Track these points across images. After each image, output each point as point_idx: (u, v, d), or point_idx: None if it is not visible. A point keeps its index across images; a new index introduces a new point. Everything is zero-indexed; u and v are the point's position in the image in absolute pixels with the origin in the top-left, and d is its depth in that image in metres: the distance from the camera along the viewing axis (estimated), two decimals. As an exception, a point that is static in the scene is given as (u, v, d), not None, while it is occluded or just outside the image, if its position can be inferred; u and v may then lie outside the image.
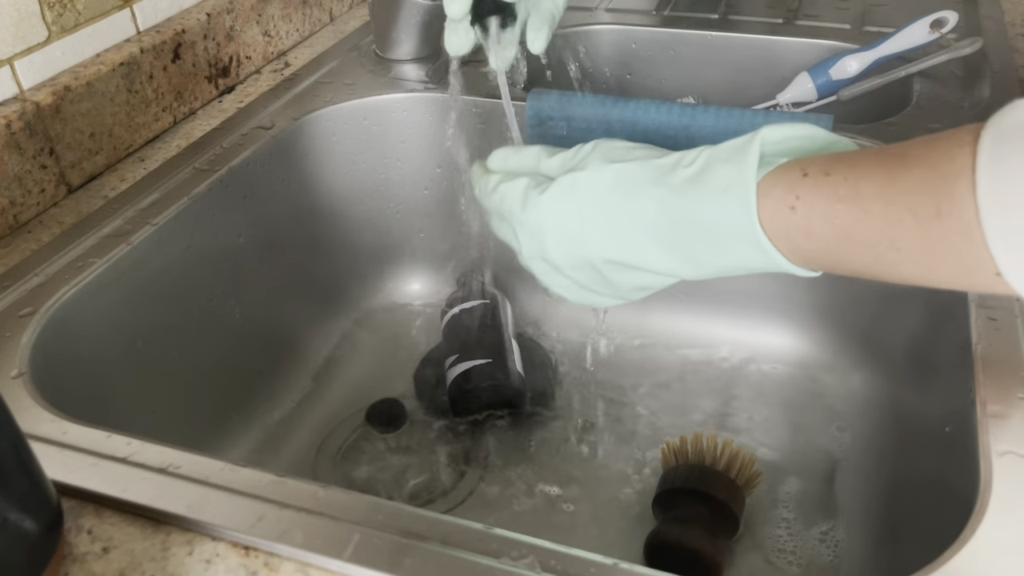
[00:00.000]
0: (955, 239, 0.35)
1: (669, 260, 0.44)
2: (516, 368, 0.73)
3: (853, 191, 0.37)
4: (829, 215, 0.38)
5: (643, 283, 0.46)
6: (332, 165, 0.79)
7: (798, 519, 0.65)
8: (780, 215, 0.39)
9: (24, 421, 0.40)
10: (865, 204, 0.37)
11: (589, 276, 0.47)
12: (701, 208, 0.41)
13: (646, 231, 0.43)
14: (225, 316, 0.69)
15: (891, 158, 0.37)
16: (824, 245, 0.39)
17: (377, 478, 0.68)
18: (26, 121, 0.61)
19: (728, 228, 0.40)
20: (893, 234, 0.36)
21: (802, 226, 0.39)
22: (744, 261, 0.42)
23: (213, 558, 0.39)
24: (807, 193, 0.38)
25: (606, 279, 0.46)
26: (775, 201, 0.39)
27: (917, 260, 0.37)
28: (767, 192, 0.39)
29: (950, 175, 0.34)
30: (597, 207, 0.45)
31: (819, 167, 0.39)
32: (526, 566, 0.37)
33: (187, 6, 0.77)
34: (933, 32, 0.79)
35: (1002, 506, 0.40)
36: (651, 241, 0.43)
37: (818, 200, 0.38)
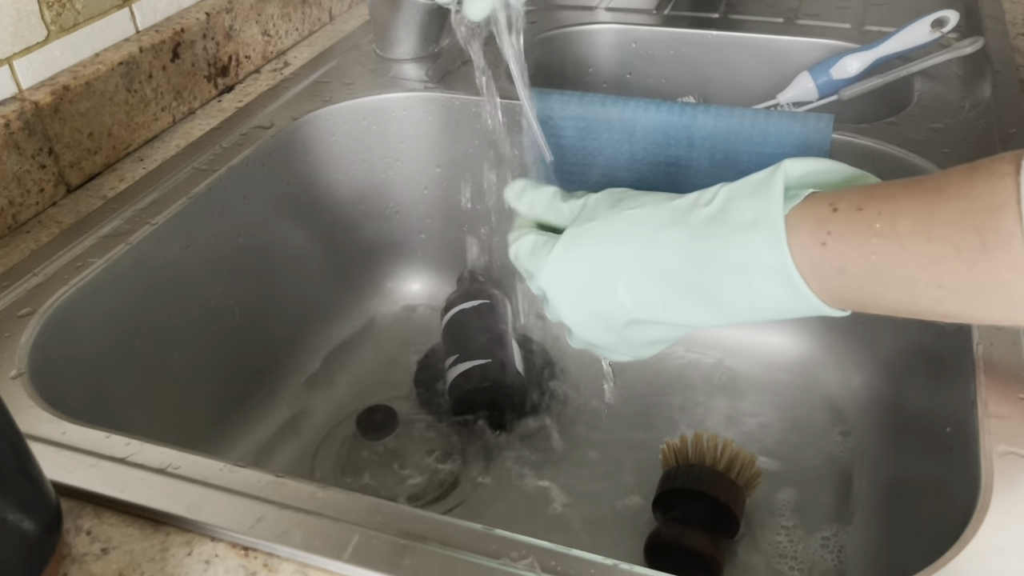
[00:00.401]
0: (1004, 274, 0.33)
1: (690, 307, 0.41)
2: (516, 368, 0.73)
3: (889, 226, 0.35)
4: (864, 251, 0.36)
5: (658, 336, 0.45)
6: (332, 165, 0.79)
7: (799, 521, 0.65)
8: (811, 251, 0.37)
9: (23, 421, 0.40)
10: (903, 239, 0.35)
11: (601, 335, 0.45)
12: (727, 247, 0.39)
13: (665, 278, 0.41)
14: (224, 316, 0.69)
15: (928, 191, 0.35)
16: (858, 283, 0.37)
17: (376, 478, 0.68)
18: (25, 121, 0.61)
19: (758, 266, 0.38)
20: (935, 270, 0.35)
21: (835, 263, 0.37)
22: (774, 302, 0.39)
23: (212, 559, 0.39)
24: (839, 229, 0.37)
25: (620, 337, 0.45)
26: (805, 237, 0.37)
27: (962, 297, 0.35)
28: (795, 227, 0.38)
29: (995, 207, 0.33)
30: (608, 259, 0.43)
31: (849, 201, 0.37)
32: (526, 567, 0.37)
33: (186, 5, 0.77)
34: (934, 31, 0.79)
35: (1003, 506, 0.40)
36: (670, 289, 0.41)
37: (851, 236, 0.36)
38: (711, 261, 0.40)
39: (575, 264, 0.44)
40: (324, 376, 0.78)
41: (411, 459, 0.70)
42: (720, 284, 0.40)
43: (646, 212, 0.42)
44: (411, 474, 0.69)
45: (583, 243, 0.44)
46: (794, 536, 0.64)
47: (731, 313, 0.41)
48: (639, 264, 0.42)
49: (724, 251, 0.39)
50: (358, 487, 0.68)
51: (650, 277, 0.41)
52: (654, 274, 0.41)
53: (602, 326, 0.45)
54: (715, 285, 0.40)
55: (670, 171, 0.70)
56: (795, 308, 0.39)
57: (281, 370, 0.76)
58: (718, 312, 0.41)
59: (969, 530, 0.39)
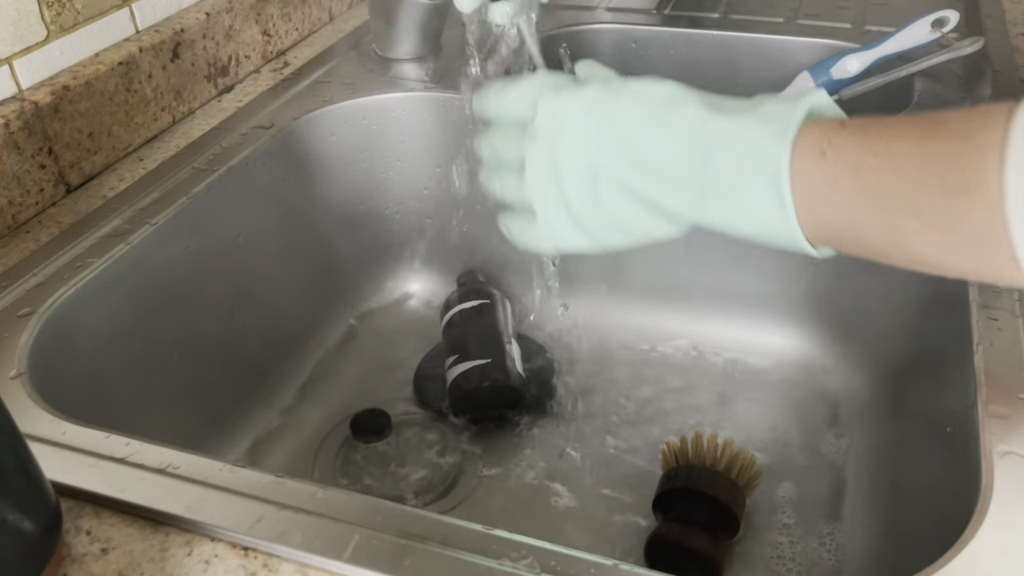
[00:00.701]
0: (978, 216, 0.34)
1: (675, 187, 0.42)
2: (516, 368, 0.73)
3: (886, 147, 0.36)
4: (859, 168, 0.37)
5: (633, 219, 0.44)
6: (332, 165, 0.79)
7: (799, 522, 0.65)
8: (809, 160, 0.38)
9: (23, 421, 0.40)
10: (896, 162, 0.36)
11: (584, 195, 0.44)
12: (738, 132, 0.40)
13: (674, 152, 0.41)
14: (224, 316, 0.69)
15: (928, 123, 0.36)
16: (843, 201, 0.37)
17: (376, 478, 0.68)
18: (25, 121, 0.61)
19: (756, 160, 0.39)
20: (917, 200, 0.35)
21: (829, 175, 0.37)
22: (754, 207, 0.40)
23: (212, 559, 0.39)
24: (841, 142, 0.37)
25: (599, 201, 0.44)
26: (807, 144, 0.38)
27: (937, 233, 0.35)
28: (804, 133, 0.38)
29: (982, 149, 0.33)
30: (635, 114, 0.43)
31: (857, 121, 0.38)
32: (526, 567, 0.37)
33: (186, 5, 0.77)
34: (934, 31, 0.79)
35: (1003, 507, 0.40)
36: (672, 165, 0.41)
37: (850, 150, 0.37)
38: (719, 142, 0.40)
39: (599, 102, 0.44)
40: (324, 376, 0.78)
41: (411, 459, 0.70)
42: (716, 169, 0.40)
43: (686, 89, 0.43)
44: (411, 474, 0.69)
45: (616, 92, 0.44)
46: (794, 536, 0.63)
47: (710, 209, 0.41)
48: (654, 128, 0.42)
49: (734, 136, 0.40)
50: (358, 487, 0.68)
51: (662, 145, 0.42)
52: (668, 143, 0.42)
53: (586, 180, 0.44)
54: (711, 169, 0.41)
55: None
56: (771, 223, 0.40)
57: (281, 370, 0.76)
58: (700, 202, 0.41)
59: (969, 530, 0.39)
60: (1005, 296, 0.53)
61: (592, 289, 0.83)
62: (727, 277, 0.78)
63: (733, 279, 0.78)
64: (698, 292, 0.80)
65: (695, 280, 0.80)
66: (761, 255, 0.77)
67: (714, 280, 0.79)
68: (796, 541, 0.63)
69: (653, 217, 0.44)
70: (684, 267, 0.79)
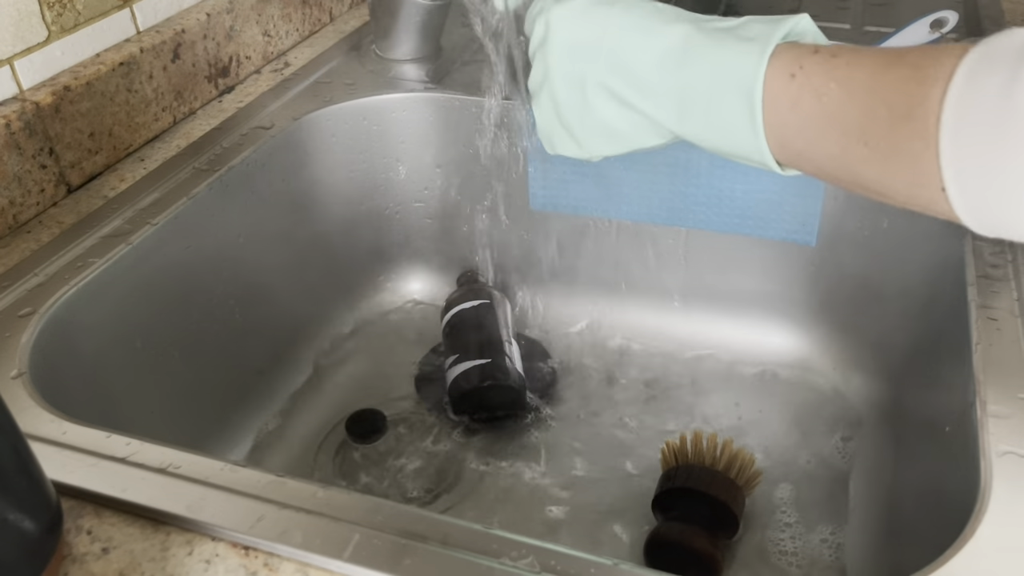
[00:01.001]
0: (915, 143, 0.35)
1: (660, 100, 0.44)
2: (516, 368, 0.73)
3: (847, 74, 0.38)
4: (820, 92, 0.38)
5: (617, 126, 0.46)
6: (332, 165, 0.79)
7: (799, 521, 0.65)
8: (779, 80, 0.40)
9: (24, 421, 0.40)
10: (853, 89, 0.38)
11: (572, 99, 0.47)
12: (719, 48, 0.41)
13: (656, 61, 0.43)
14: (225, 316, 0.69)
15: (890, 54, 0.37)
16: (803, 122, 0.39)
17: (376, 478, 0.68)
18: (26, 121, 0.61)
19: (733, 75, 0.41)
20: (867, 126, 0.37)
21: (794, 96, 0.39)
22: (728, 120, 0.42)
23: (213, 558, 0.39)
24: (811, 66, 0.39)
25: (586, 106, 0.46)
26: (780, 66, 0.40)
27: (880, 159, 0.37)
28: (779, 55, 0.40)
29: (929, 79, 0.35)
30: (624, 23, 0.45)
31: (830, 49, 0.40)
32: (526, 566, 0.37)
33: (187, 6, 0.77)
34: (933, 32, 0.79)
35: (1002, 506, 0.40)
36: (655, 74, 0.43)
37: (816, 75, 0.39)
38: (700, 56, 0.42)
39: (592, 13, 0.46)
40: (324, 376, 0.78)
41: (411, 458, 0.70)
42: (696, 82, 0.42)
43: (674, 9, 0.45)
44: (411, 473, 0.69)
45: (610, 3, 0.46)
46: (794, 534, 0.64)
47: (688, 122, 0.43)
48: (647, 38, 0.44)
49: (714, 51, 0.42)
50: (358, 486, 0.68)
51: (649, 53, 0.44)
52: (654, 51, 0.44)
53: (577, 78, 0.46)
54: (691, 82, 0.42)
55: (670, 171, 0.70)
56: (742, 139, 0.41)
57: (281, 369, 0.76)
58: (679, 114, 0.43)
59: (969, 530, 0.39)
60: (1004, 296, 0.53)
61: (591, 289, 0.83)
62: (727, 277, 0.78)
63: (733, 279, 0.78)
64: (698, 292, 0.80)
65: (695, 280, 0.80)
66: (761, 256, 0.77)
67: (714, 280, 0.79)
68: (796, 538, 0.63)
69: (637, 124, 0.46)
70: (684, 267, 0.79)
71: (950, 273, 0.59)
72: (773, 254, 0.76)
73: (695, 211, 0.71)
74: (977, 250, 0.57)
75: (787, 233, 0.70)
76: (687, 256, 0.79)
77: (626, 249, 0.80)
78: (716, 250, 0.77)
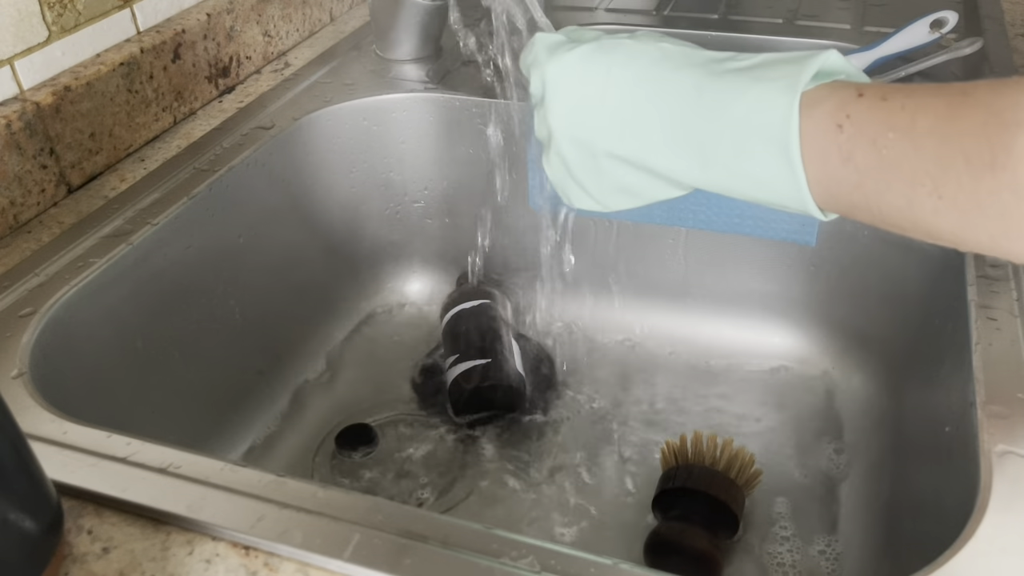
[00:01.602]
0: (1005, 196, 0.32)
1: (676, 152, 0.39)
2: (516, 368, 0.73)
3: (909, 121, 0.34)
4: (878, 143, 0.34)
5: (632, 184, 0.42)
6: (332, 165, 0.79)
7: (798, 520, 0.65)
8: (824, 132, 0.36)
9: (24, 421, 0.40)
10: (918, 138, 0.34)
11: (581, 161, 0.43)
12: (740, 95, 0.37)
13: (669, 116, 0.39)
14: (225, 316, 0.69)
15: (954, 94, 0.34)
16: (859, 177, 0.35)
17: (376, 478, 0.68)
18: (26, 121, 0.61)
19: (761, 124, 0.37)
20: (940, 177, 0.33)
21: (844, 148, 0.35)
22: (763, 172, 0.37)
23: (213, 558, 0.39)
24: (859, 114, 0.35)
25: (597, 169, 0.42)
26: (823, 115, 0.36)
27: (958, 212, 0.34)
28: (816, 103, 0.36)
29: (1012, 124, 0.32)
30: (629, 72, 0.40)
31: (876, 91, 0.36)
32: (526, 566, 0.37)
33: (187, 6, 0.77)
34: (933, 32, 0.79)
35: (1003, 506, 0.40)
36: (667, 130, 0.39)
37: (870, 124, 0.35)
38: (719, 105, 0.38)
39: (591, 68, 0.42)
40: (324, 376, 0.78)
41: (410, 458, 0.70)
42: (718, 134, 0.38)
43: (681, 50, 0.41)
44: (411, 473, 0.69)
45: (609, 51, 0.42)
46: (794, 533, 0.64)
47: (713, 174, 0.39)
48: (649, 89, 0.40)
49: (735, 99, 0.37)
50: (358, 486, 0.68)
51: (656, 108, 0.40)
52: (661, 107, 0.39)
53: (584, 143, 0.42)
54: (712, 134, 0.38)
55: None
56: (780, 189, 0.38)
57: (281, 370, 0.76)
58: (702, 167, 0.39)
59: (969, 530, 0.39)
60: (1004, 296, 0.53)
61: (591, 289, 0.83)
62: (727, 277, 0.79)
63: (733, 279, 0.78)
64: (698, 292, 0.80)
65: (694, 280, 0.80)
66: (761, 256, 0.77)
67: (714, 280, 0.79)
68: (796, 535, 0.63)
69: (654, 182, 0.42)
70: (683, 267, 0.79)
71: (950, 273, 0.60)
72: (773, 254, 0.76)
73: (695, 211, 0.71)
74: (977, 250, 0.57)
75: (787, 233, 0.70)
76: (687, 256, 0.79)
77: (626, 249, 0.80)
78: (716, 250, 0.78)
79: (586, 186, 0.44)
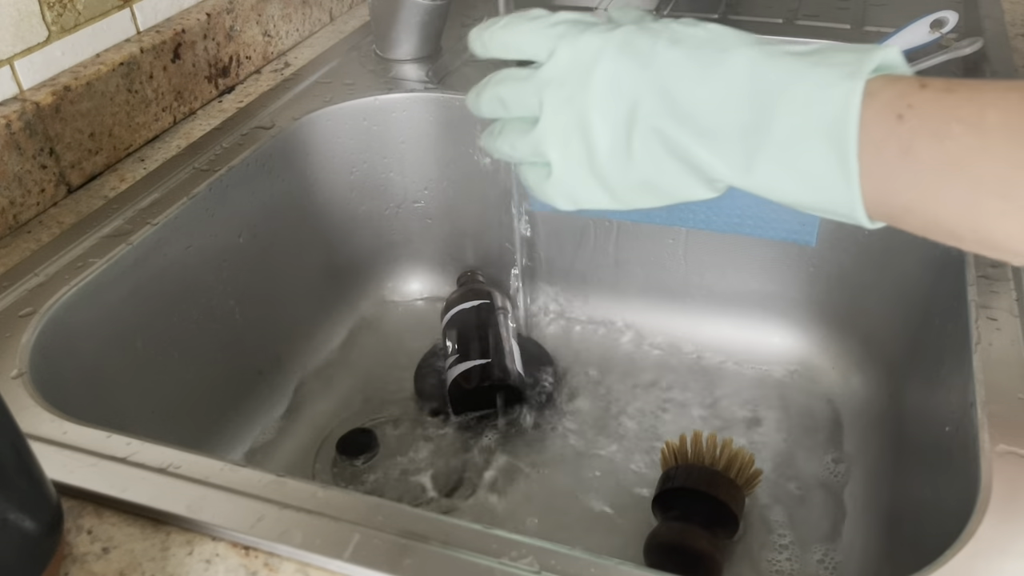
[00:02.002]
0: None
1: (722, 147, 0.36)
2: (516, 368, 0.73)
3: (976, 114, 0.32)
4: (941, 135, 0.32)
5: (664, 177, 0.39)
6: (332, 165, 0.79)
7: (798, 520, 0.65)
8: (883, 121, 0.33)
9: (24, 421, 0.40)
10: (987, 133, 0.31)
11: (614, 148, 0.39)
12: (798, 78, 0.34)
13: (718, 99, 0.36)
14: (225, 316, 0.69)
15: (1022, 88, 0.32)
16: (917, 174, 0.33)
17: (376, 478, 0.68)
18: (26, 121, 0.61)
19: (818, 111, 0.34)
20: (1009, 177, 0.31)
21: (904, 140, 0.33)
22: (811, 166, 0.35)
23: (213, 558, 0.39)
24: (923, 105, 0.33)
25: (629, 154, 0.39)
26: (882, 104, 0.33)
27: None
28: (876, 92, 0.33)
29: None
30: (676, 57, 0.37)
31: (941, 83, 0.33)
32: (526, 566, 0.37)
33: (187, 6, 0.77)
34: (933, 32, 0.79)
35: (1003, 506, 0.40)
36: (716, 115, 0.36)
37: (934, 116, 0.32)
38: (774, 88, 0.35)
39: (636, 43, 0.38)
40: (324, 376, 0.78)
41: (411, 458, 0.70)
42: (769, 120, 0.35)
43: (733, 31, 0.38)
44: (411, 473, 0.69)
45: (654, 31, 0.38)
46: (793, 532, 0.64)
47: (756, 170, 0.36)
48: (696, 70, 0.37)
49: (792, 82, 0.35)
50: (358, 486, 0.68)
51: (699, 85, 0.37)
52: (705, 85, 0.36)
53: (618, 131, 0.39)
54: (763, 120, 0.35)
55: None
56: (828, 187, 0.35)
57: (281, 370, 0.76)
58: (745, 159, 0.36)
59: (968, 529, 0.39)
60: (1004, 296, 0.53)
61: (591, 289, 0.83)
62: (726, 278, 0.79)
63: (732, 280, 0.78)
64: (697, 292, 0.80)
65: (694, 280, 0.80)
66: (761, 256, 0.77)
67: (713, 280, 0.79)
68: (795, 533, 0.63)
69: (688, 176, 0.39)
70: (683, 267, 0.79)
71: (950, 273, 0.60)
72: (773, 254, 0.76)
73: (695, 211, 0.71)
74: (977, 250, 0.57)
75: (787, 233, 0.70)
76: (687, 256, 0.79)
77: (626, 249, 0.80)
78: (716, 250, 0.78)
79: (608, 178, 0.40)
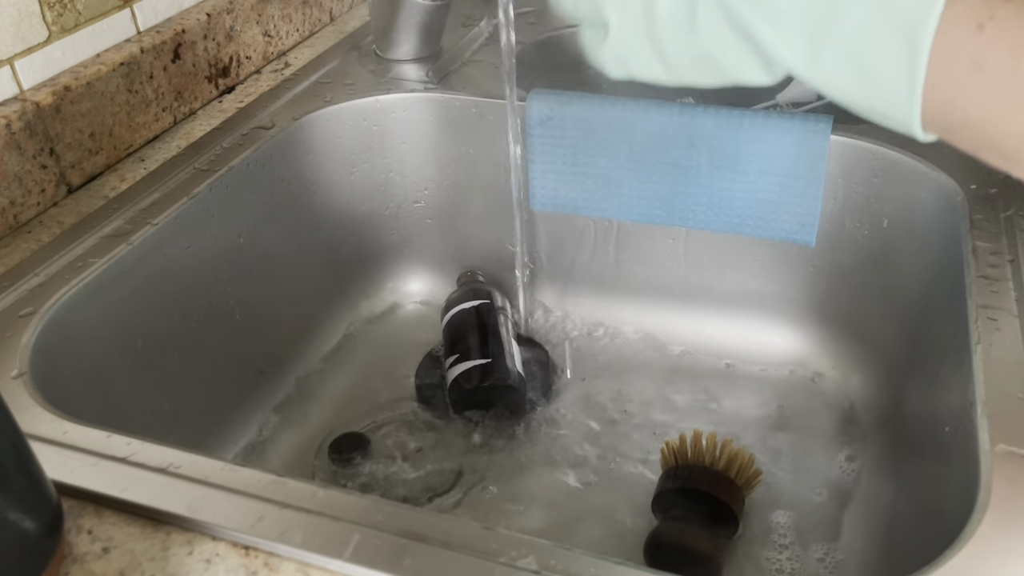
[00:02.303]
0: None
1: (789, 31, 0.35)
2: (516, 368, 0.73)
3: None
4: (1016, 53, 0.30)
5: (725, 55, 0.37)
6: (332, 165, 0.79)
7: (798, 519, 0.65)
8: (961, 29, 0.31)
9: (24, 421, 0.40)
10: None
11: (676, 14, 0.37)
12: None
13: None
14: (225, 316, 0.69)
15: None
16: (985, 90, 0.31)
17: (376, 478, 0.68)
18: (26, 121, 0.61)
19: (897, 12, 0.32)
20: None
21: (979, 53, 0.31)
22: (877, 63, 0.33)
23: (213, 558, 0.39)
24: (1007, 18, 0.31)
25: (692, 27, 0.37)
26: (965, 9, 0.31)
27: None
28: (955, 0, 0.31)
29: None
30: None
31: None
32: (526, 566, 0.37)
33: (187, 6, 0.77)
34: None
35: (1003, 506, 0.40)
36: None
37: (1016, 29, 0.31)
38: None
39: None
40: (324, 376, 0.78)
41: (411, 458, 0.70)
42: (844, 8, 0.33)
43: None
44: (411, 474, 0.69)
45: None
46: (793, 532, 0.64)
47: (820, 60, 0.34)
48: None
49: None
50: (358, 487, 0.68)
51: None
52: None
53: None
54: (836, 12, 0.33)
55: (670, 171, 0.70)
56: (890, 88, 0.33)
57: (281, 369, 0.76)
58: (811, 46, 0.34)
59: (969, 530, 0.39)
60: (1004, 296, 0.53)
61: (591, 289, 0.83)
62: (727, 277, 0.79)
63: (732, 279, 0.78)
64: (697, 292, 0.80)
65: (694, 280, 0.80)
66: (761, 256, 0.77)
67: (713, 280, 0.79)
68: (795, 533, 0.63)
69: (748, 55, 0.37)
70: (683, 267, 0.79)
71: (950, 273, 0.60)
72: (773, 254, 0.76)
73: (695, 211, 0.71)
74: (977, 250, 0.57)
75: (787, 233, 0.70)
76: (687, 256, 0.79)
77: (626, 249, 0.80)
78: (716, 250, 0.78)
79: (666, 49, 0.38)
